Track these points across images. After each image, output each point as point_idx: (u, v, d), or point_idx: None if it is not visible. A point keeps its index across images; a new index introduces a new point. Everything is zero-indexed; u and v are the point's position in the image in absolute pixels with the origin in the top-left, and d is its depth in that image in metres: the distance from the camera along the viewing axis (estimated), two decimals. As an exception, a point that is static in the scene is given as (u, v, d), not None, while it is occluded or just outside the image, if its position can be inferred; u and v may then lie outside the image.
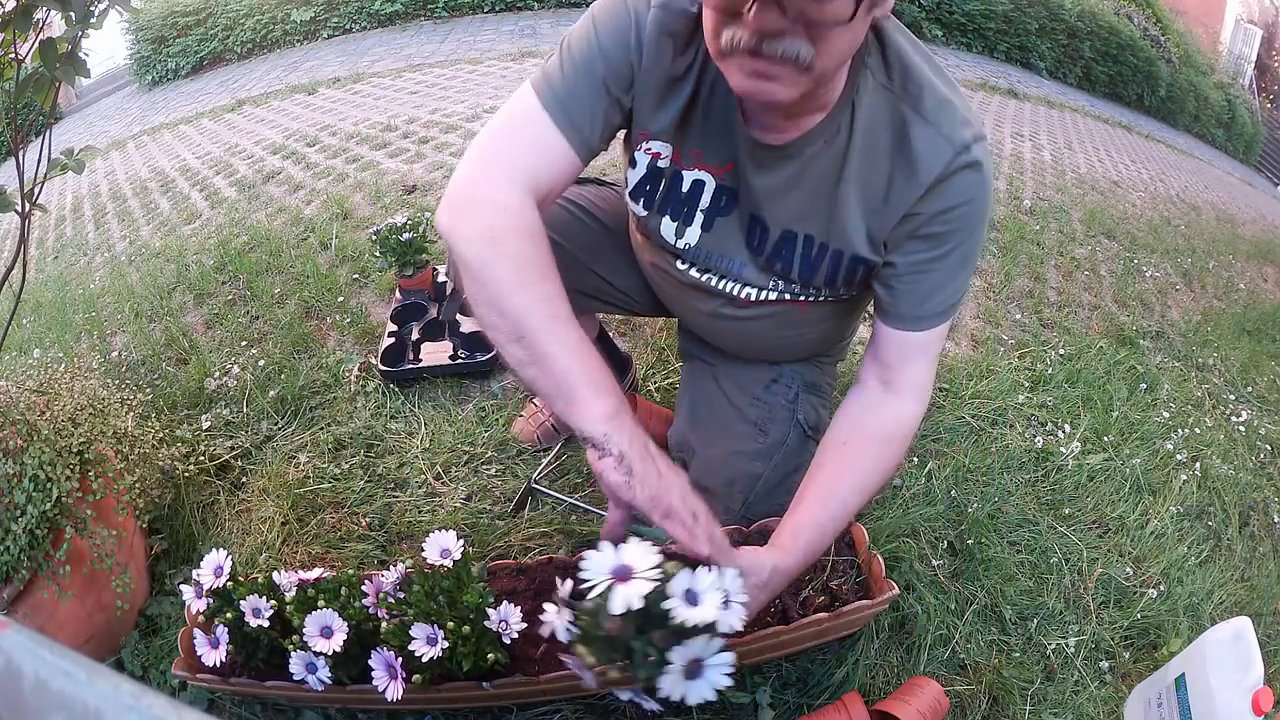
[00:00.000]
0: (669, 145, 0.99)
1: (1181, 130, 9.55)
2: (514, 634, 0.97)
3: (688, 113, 0.96)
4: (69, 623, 1.14)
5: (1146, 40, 9.23)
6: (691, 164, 1.00)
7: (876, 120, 0.90)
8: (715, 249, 1.06)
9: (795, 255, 1.01)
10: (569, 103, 0.90)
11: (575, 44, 0.92)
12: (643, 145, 1.00)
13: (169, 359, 1.99)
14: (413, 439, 1.63)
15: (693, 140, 0.98)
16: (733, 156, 0.97)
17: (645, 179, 1.03)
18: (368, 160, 3.43)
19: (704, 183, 1.01)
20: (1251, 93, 13.06)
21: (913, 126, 0.88)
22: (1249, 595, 1.53)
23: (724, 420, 1.24)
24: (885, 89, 0.89)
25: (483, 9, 7.83)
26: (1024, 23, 8.29)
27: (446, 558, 0.95)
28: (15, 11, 1.11)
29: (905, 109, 0.88)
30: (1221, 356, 2.61)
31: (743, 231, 1.03)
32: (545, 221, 0.90)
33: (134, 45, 7.97)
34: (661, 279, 1.18)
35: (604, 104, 0.92)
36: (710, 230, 1.04)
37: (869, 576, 1.17)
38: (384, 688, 0.92)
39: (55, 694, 0.26)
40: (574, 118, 0.90)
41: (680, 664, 0.69)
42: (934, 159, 0.87)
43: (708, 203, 1.02)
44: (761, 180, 0.97)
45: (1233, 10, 14.23)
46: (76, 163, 1.26)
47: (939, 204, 0.90)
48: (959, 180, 0.88)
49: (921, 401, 1.03)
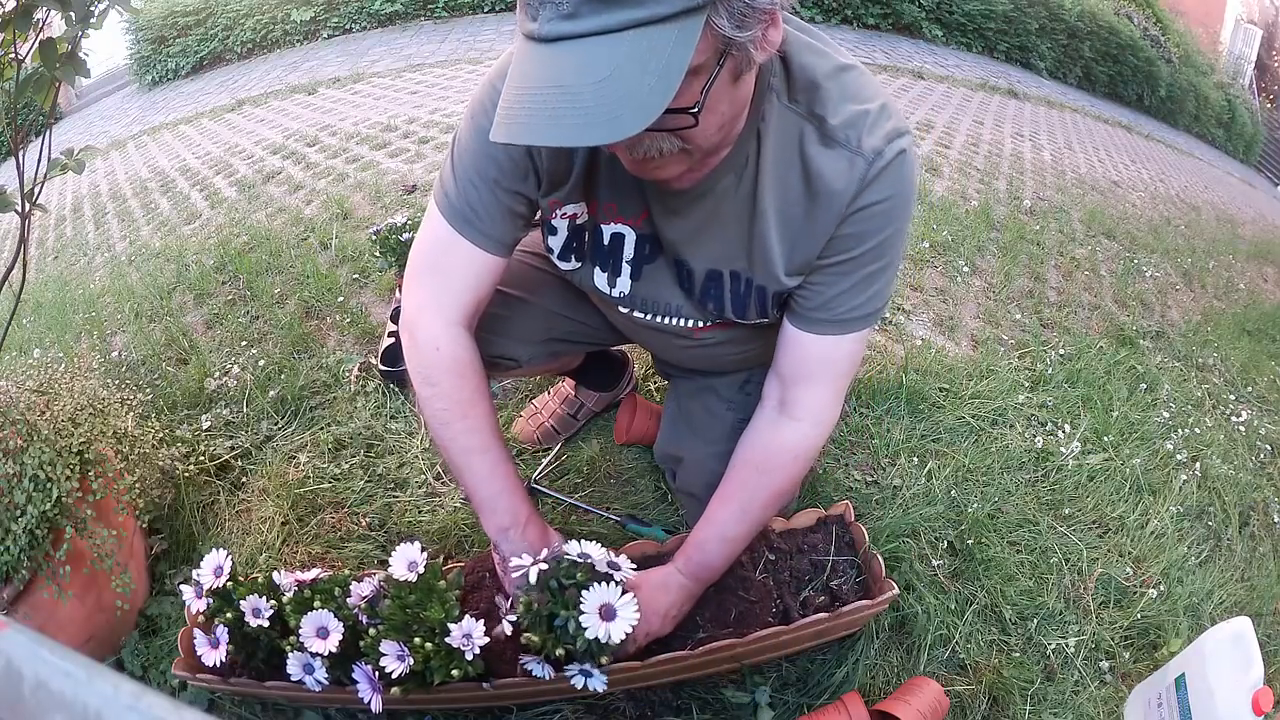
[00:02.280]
0: (583, 205, 0.97)
1: (1181, 130, 9.56)
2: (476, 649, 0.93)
3: (589, 171, 0.93)
4: (69, 623, 1.14)
5: (1146, 40, 9.24)
6: (608, 218, 0.97)
7: (784, 146, 0.86)
8: (649, 295, 1.03)
9: (725, 294, 0.98)
10: (470, 215, 0.94)
11: (461, 151, 0.93)
12: (556, 213, 0.97)
13: (169, 359, 1.99)
14: (413, 439, 1.63)
15: (603, 195, 0.95)
16: (645, 205, 0.94)
17: (569, 239, 1.01)
18: (368, 160, 3.43)
19: (623, 235, 0.98)
20: (1251, 93, 13.06)
21: (821, 150, 0.84)
22: (1249, 595, 1.53)
23: (701, 426, 1.23)
24: (791, 110, 0.85)
25: (483, 9, 7.83)
26: (1024, 23, 8.29)
27: (413, 570, 0.93)
28: (15, 11, 1.11)
29: (810, 130, 0.84)
30: (1221, 356, 2.61)
31: (672, 274, 1.00)
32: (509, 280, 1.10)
33: (134, 45, 7.98)
34: (615, 319, 1.17)
35: (504, 202, 0.93)
36: (640, 279, 1.01)
37: (869, 576, 1.17)
38: (368, 699, 0.92)
39: (55, 694, 0.26)
40: (481, 227, 0.94)
41: (594, 610, 0.88)
42: (846, 178, 0.84)
43: (631, 253, 0.99)
44: (676, 225, 0.93)
45: (1233, 10, 14.23)
46: (76, 163, 1.26)
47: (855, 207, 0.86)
48: (874, 186, 0.84)
49: (816, 425, 1.00)
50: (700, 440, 1.23)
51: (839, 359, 0.97)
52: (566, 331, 1.26)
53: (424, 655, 0.91)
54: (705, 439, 1.22)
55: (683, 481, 1.28)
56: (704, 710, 1.14)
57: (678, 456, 1.27)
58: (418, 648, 0.91)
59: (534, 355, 1.24)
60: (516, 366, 1.24)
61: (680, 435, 1.27)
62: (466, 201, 0.93)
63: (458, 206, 0.94)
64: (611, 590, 0.90)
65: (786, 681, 1.18)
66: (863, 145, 0.83)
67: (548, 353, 1.26)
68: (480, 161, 0.92)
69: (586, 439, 1.61)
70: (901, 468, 1.60)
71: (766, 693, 1.14)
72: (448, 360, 0.98)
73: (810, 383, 0.98)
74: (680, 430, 1.28)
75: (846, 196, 0.84)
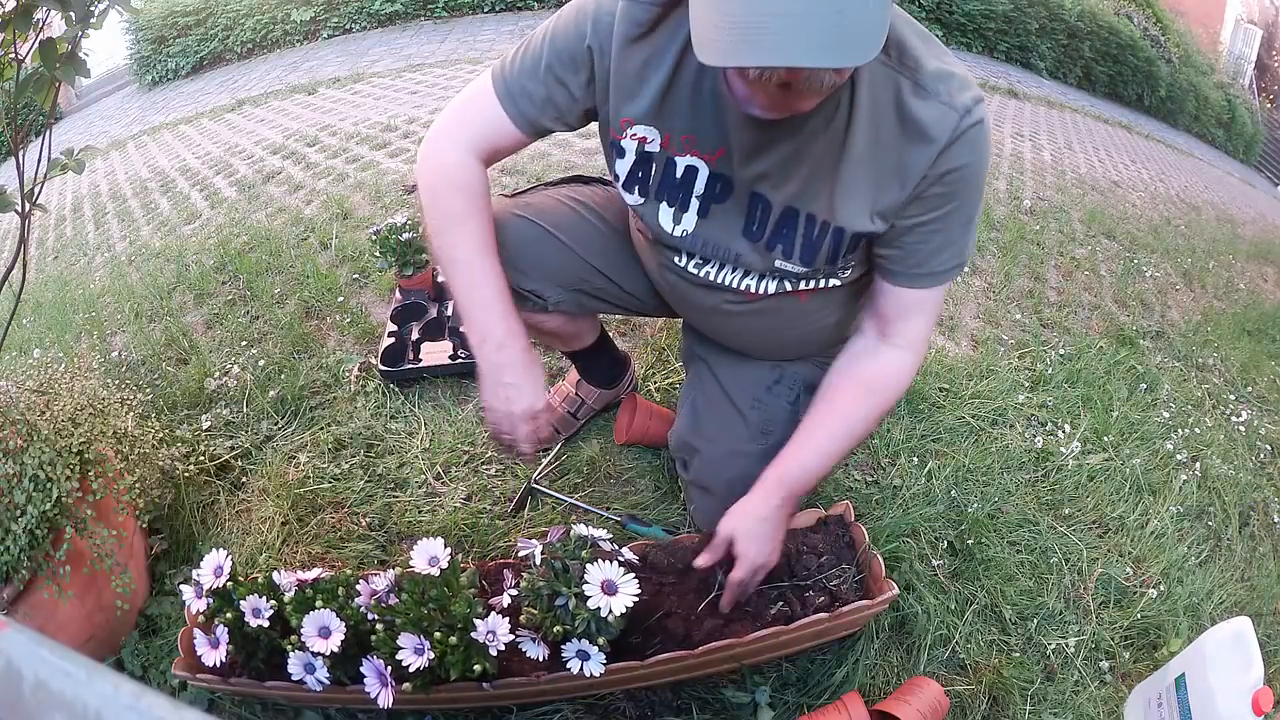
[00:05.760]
0: (655, 130, 1.00)
1: (1181, 130, 9.55)
2: (501, 645, 0.95)
3: (667, 96, 0.97)
4: (69, 623, 1.14)
5: (1146, 40, 9.23)
6: (683, 150, 1.00)
7: (878, 97, 0.90)
8: (712, 236, 1.05)
9: (796, 236, 1.01)
10: (514, 86, 1.01)
11: (531, 39, 1.02)
12: (626, 132, 1.01)
13: (169, 359, 1.99)
14: (413, 439, 1.63)
15: (681, 125, 0.98)
16: (724, 141, 0.97)
17: (636, 165, 1.04)
18: (368, 160, 3.43)
19: (697, 169, 1.01)
20: (1251, 93, 13.06)
21: (915, 98, 0.89)
22: (1249, 595, 1.53)
23: (726, 421, 1.24)
24: (883, 65, 0.89)
25: (483, 9, 7.82)
26: (1024, 23, 8.29)
27: (435, 565, 0.94)
28: (15, 11, 1.11)
29: (905, 82, 0.89)
30: (1221, 356, 2.61)
31: (741, 217, 1.02)
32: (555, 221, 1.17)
33: (134, 45, 7.97)
34: (664, 278, 1.19)
35: (548, 89, 1.00)
36: (706, 217, 1.04)
37: (869, 576, 1.17)
38: (375, 694, 0.92)
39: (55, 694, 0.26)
40: (517, 100, 1.02)
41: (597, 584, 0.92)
42: (940, 127, 0.89)
43: (702, 189, 1.02)
44: (760, 159, 0.97)
45: (1233, 10, 14.23)
46: (76, 163, 1.26)
47: (943, 167, 0.91)
48: (963, 143, 0.90)
49: (915, 353, 1.07)
50: (723, 436, 1.24)
51: (933, 300, 1.04)
52: (599, 288, 1.29)
53: (442, 650, 0.91)
54: (728, 436, 1.23)
55: (696, 474, 1.28)
56: (704, 710, 1.14)
57: (695, 448, 1.27)
58: (439, 642, 0.91)
59: (561, 300, 1.26)
60: (543, 307, 1.26)
61: (701, 427, 1.27)
62: (515, 73, 1.01)
63: (507, 75, 1.02)
64: (614, 568, 0.93)
65: (786, 681, 1.18)
66: (955, 100, 0.88)
67: (575, 303, 1.29)
68: (542, 46, 0.99)
69: (586, 439, 1.61)
70: (901, 468, 1.60)
71: (766, 693, 1.14)
72: (453, 172, 1.04)
73: (908, 319, 1.05)
74: (701, 422, 1.28)
75: (940, 144, 0.89)
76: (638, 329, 1.99)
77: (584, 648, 0.94)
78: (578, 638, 0.94)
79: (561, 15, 1.00)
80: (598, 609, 0.91)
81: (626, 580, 0.93)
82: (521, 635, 0.97)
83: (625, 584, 0.93)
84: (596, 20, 0.95)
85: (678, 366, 1.80)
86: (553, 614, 0.95)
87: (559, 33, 0.98)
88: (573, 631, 0.94)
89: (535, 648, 0.97)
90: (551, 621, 0.95)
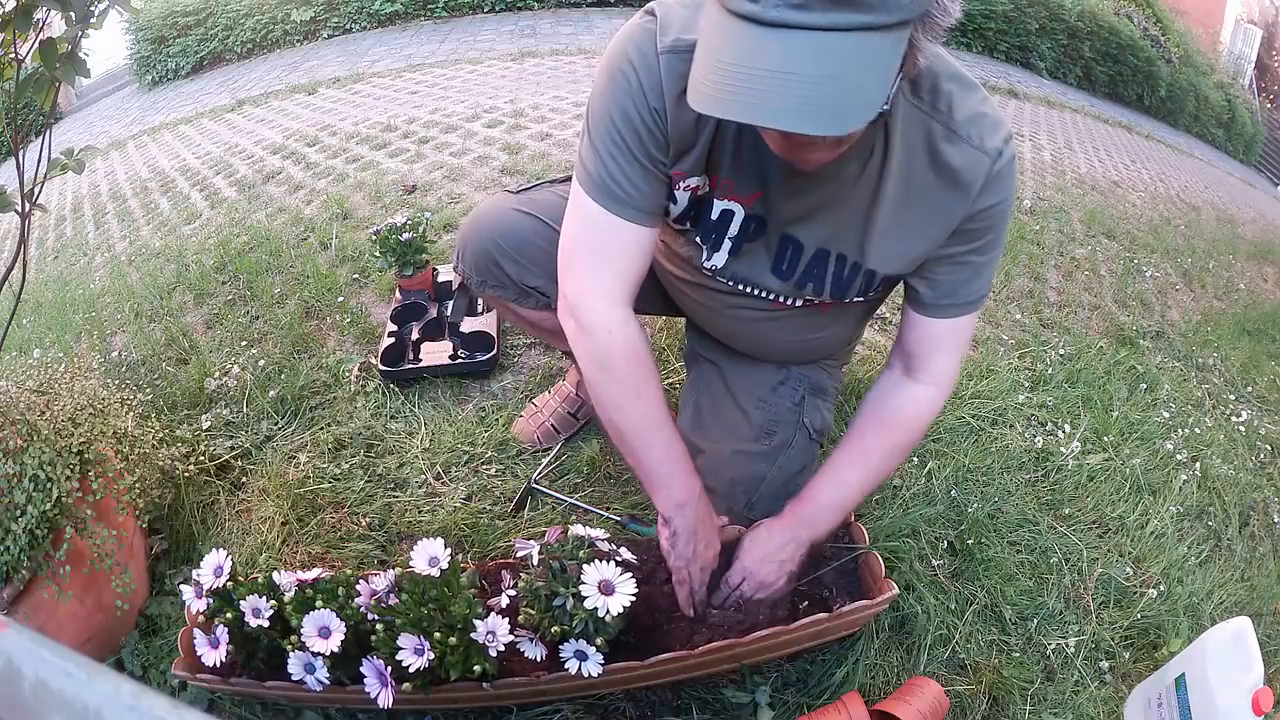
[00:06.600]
0: (705, 178, 0.99)
1: (1181, 130, 9.55)
2: (501, 646, 0.95)
3: (713, 146, 0.95)
4: (69, 623, 1.14)
5: (1146, 40, 9.22)
6: (723, 194, 1.00)
7: (911, 141, 0.91)
8: (741, 271, 1.07)
9: (827, 275, 1.03)
10: (617, 191, 0.94)
11: (596, 125, 0.94)
12: (680, 184, 0.99)
13: (169, 359, 1.99)
14: (413, 439, 1.63)
15: (723, 172, 0.98)
16: (762, 185, 0.97)
17: (688, 209, 1.03)
18: (368, 160, 3.42)
19: (733, 213, 1.01)
20: (1251, 93, 13.05)
21: (948, 144, 0.89)
22: (1249, 595, 1.53)
23: (730, 421, 1.24)
24: (916, 108, 0.90)
25: (483, 9, 7.82)
26: (1024, 23, 8.28)
27: (435, 566, 0.94)
28: (15, 11, 1.11)
29: (937, 126, 0.89)
30: (1221, 356, 2.60)
31: (770, 256, 1.04)
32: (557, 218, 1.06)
33: (134, 45, 7.96)
34: (680, 283, 1.19)
35: (646, 171, 0.95)
36: (737, 255, 1.06)
37: (869, 576, 1.17)
38: (375, 694, 0.92)
39: (55, 694, 0.26)
40: (630, 202, 0.95)
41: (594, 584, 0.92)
42: (973, 172, 0.90)
43: (736, 230, 1.03)
44: (795, 203, 0.98)
45: (1233, 10, 14.23)
46: (76, 163, 1.26)
47: (977, 208, 0.93)
48: (994, 184, 0.91)
49: (941, 387, 1.07)
50: (728, 436, 1.24)
51: (957, 333, 1.05)
52: None
53: (442, 650, 0.91)
54: (732, 435, 1.23)
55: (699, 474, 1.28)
56: (704, 710, 1.14)
57: (698, 448, 1.27)
58: (439, 642, 0.91)
59: None
60: (546, 304, 1.25)
61: (704, 426, 1.28)
62: (611, 177, 0.94)
63: (604, 184, 0.95)
64: (611, 568, 0.93)
65: (786, 681, 1.18)
66: (986, 144, 0.89)
67: None
68: (616, 134, 0.93)
69: (586, 439, 1.61)
70: (901, 467, 1.60)
71: (766, 693, 1.14)
72: (620, 344, 0.99)
73: (934, 354, 1.05)
74: (705, 421, 1.28)
75: (974, 189, 0.91)
76: (638, 329, 1.99)
77: (582, 648, 0.94)
78: (575, 638, 0.94)
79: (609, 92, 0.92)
80: (595, 609, 0.91)
81: (624, 580, 0.93)
82: (520, 636, 0.97)
83: (623, 584, 0.93)
84: (648, 84, 0.90)
85: (678, 366, 1.80)
86: (550, 614, 0.95)
87: (617, 109, 0.92)
88: (570, 632, 0.94)
89: (533, 648, 0.97)
90: (549, 622, 0.95)
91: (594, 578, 0.93)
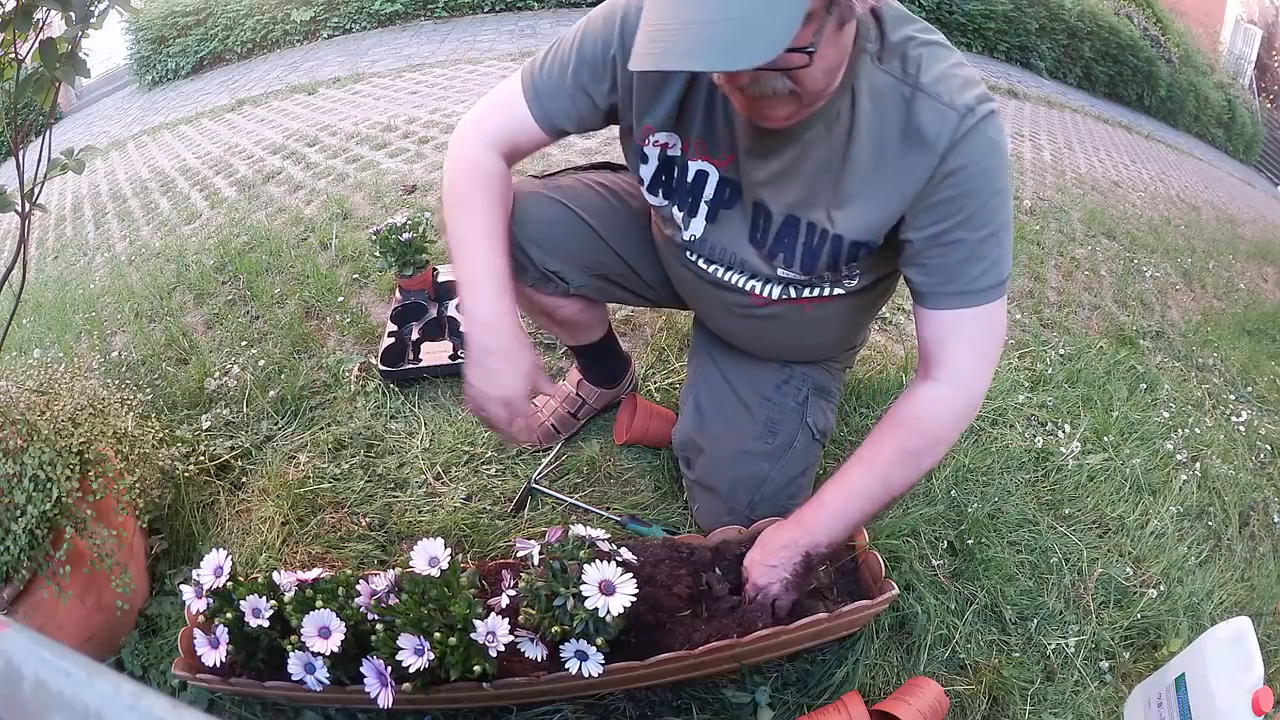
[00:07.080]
0: (676, 136, 1.02)
1: (1181, 130, 9.55)
2: (501, 646, 0.94)
3: (684, 104, 0.99)
4: (69, 623, 1.14)
5: (1146, 40, 9.23)
6: (695, 155, 1.02)
7: (880, 105, 0.90)
8: (719, 241, 1.07)
9: (797, 243, 1.02)
10: (541, 88, 1.06)
11: (562, 41, 1.05)
12: (649, 139, 1.03)
13: (169, 359, 1.99)
14: (413, 439, 1.63)
15: (695, 132, 1.00)
16: (734, 147, 0.99)
17: (659, 170, 1.06)
18: (368, 160, 3.42)
19: (707, 174, 1.03)
20: (1251, 93, 13.05)
21: (916, 103, 0.89)
22: (1249, 595, 1.53)
23: (733, 419, 1.24)
24: (885, 72, 0.90)
25: (483, 9, 7.82)
26: (1024, 23, 8.28)
27: (435, 566, 0.93)
28: (15, 11, 1.11)
29: (905, 88, 0.89)
30: (1221, 356, 2.60)
31: (746, 224, 1.04)
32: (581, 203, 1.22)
33: (134, 45, 7.97)
34: (680, 274, 1.20)
35: (572, 95, 1.04)
36: (714, 222, 1.06)
37: (869, 576, 1.17)
38: (375, 694, 0.92)
39: (55, 694, 0.26)
40: (544, 104, 1.06)
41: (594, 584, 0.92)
42: (939, 128, 0.88)
43: (711, 194, 1.04)
44: (762, 166, 0.98)
45: (1233, 10, 14.23)
46: (76, 163, 1.26)
47: (947, 169, 0.89)
48: (966, 142, 0.88)
49: (957, 388, 1.00)
50: (730, 434, 1.24)
51: (969, 326, 0.98)
52: (619, 274, 1.31)
53: (442, 650, 0.91)
54: (735, 434, 1.23)
55: (700, 473, 1.28)
56: (704, 710, 1.14)
57: (700, 447, 1.27)
58: (439, 642, 0.91)
59: (583, 284, 1.28)
60: (564, 290, 1.28)
61: (707, 425, 1.27)
62: (545, 81, 1.05)
63: (536, 79, 1.06)
64: (612, 568, 0.93)
65: (786, 681, 1.18)
66: (955, 100, 0.88)
67: (595, 288, 1.31)
68: (569, 54, 1.03)
69: (586, 439, 1.61)
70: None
71: (766, 693, 1.14)
72: (469, 162, 1.09)
73: (943, 349, 1.00)
74: (707, 420, 1.28)
75: (940, 147, 0.89)
76: (638, 329, 1.99)
77: (582, 648, 0.94)
78: (576, 638, 0.94)
79: (591, 19, 1.02)
80: (595, 609, 0.91)
81: (624, 580, 0.93)
82: (520, 636, 0.97)
83: (623, 584, 0.93)
84: (623, 28, 0.96)
85: (678, 366, 1.80)
86: (551, 614, 0.95)
87: (587, 39, 1.02)
88: (571, 632, 0.94)
89: (534, 648, 0.97)
90: (550, 622, 0.95)
91: (594, 578, 0.93)
